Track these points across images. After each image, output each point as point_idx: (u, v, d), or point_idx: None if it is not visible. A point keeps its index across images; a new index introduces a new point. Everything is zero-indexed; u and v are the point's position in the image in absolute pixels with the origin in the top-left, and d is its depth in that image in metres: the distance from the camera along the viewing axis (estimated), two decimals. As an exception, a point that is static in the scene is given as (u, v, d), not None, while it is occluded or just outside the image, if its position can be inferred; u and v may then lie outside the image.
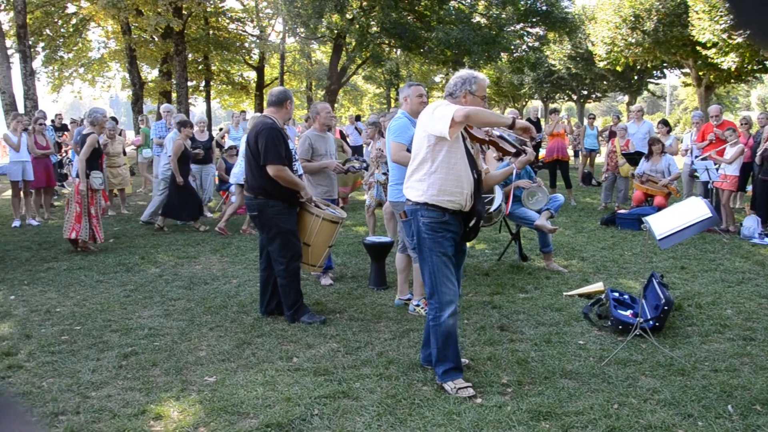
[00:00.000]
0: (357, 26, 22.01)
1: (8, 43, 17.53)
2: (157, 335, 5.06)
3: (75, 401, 3.91)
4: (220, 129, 16.49)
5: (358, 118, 18.91)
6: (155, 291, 6.37)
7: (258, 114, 10.93)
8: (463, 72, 4.11)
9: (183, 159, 9.41)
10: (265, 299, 5.47)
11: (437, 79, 37.17)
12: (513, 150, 4.15)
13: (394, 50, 27.50)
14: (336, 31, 22.64)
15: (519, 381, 4.10)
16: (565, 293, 6.12)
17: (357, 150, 14.00)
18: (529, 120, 13.05)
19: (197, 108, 35.10)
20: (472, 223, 4.07)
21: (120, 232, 9.77)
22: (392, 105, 38.07)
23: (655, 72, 36.13)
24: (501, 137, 4.10)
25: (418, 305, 5.52)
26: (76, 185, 8.15)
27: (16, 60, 17.62)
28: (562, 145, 12.31)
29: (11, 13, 19.51)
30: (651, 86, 40.30)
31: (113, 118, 13.11)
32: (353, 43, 23.33)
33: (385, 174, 7.52)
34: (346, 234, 9.24)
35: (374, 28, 22.95)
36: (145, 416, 3.69)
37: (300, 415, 3.63)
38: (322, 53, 34.81)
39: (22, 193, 10.61)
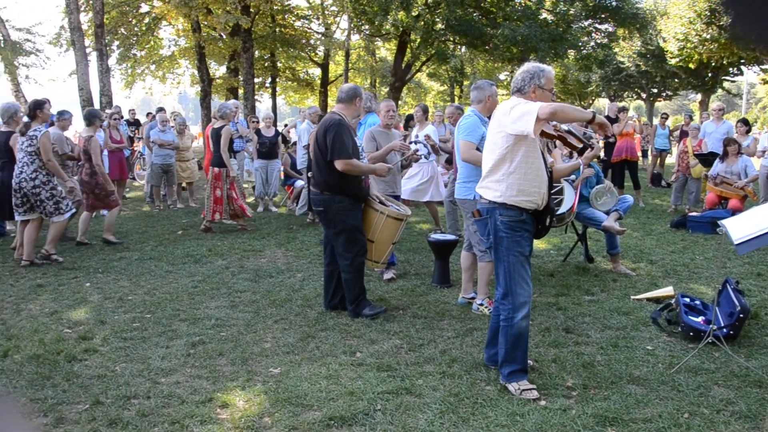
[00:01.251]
0: (422, 23, 21.93)
1: (86, 42, 18.18)
2: (223, 326, 5.18)
3: (146, 386, 4.04)
4: (285, 125, 16.72)
5: (422, 115, 18.84)
6: (222, 282, 6.52)
7: (312, 107, 11.11)
8: (529, 66, 4.01)
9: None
10: (329, 294, 5.53)
11: (502, 76, 36.80)
12: (580, 145, 4.07)
13: (459, 47, 27.29)
14: (401, 28, 22.61)
15: (584, 385, 4.03)
16: (632, 297, 5.97)
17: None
18: (608, 118, 12.79)
19: (262, 104, 35.70)
20: (546, 222, 4.02)
21: (188, 224, 10.05)
22: (456, 102, 37.86)
23: (731, 69, 34.77)
24: (569, 132, 4.03)
25: (481, 304, 5.48)
26: (216, 172, 9.00)
27: (93, 58, 18.29)
28: (631, 145, 12.00)
29: (90, 14, 20.24)
30: (726, 84, 38.79)
31: (159, 110, 13.44)
32: (418, 41, 23.24)
33: None
34: (409, 231, 9.24)
35: (439, 25, 22.82)
36: (212, 404, 3.78)
37: (363, 410, 3.66)
38: (386, 50, 34.90)
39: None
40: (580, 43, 23.88)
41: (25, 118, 7.67)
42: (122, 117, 13.04)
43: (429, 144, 7.66)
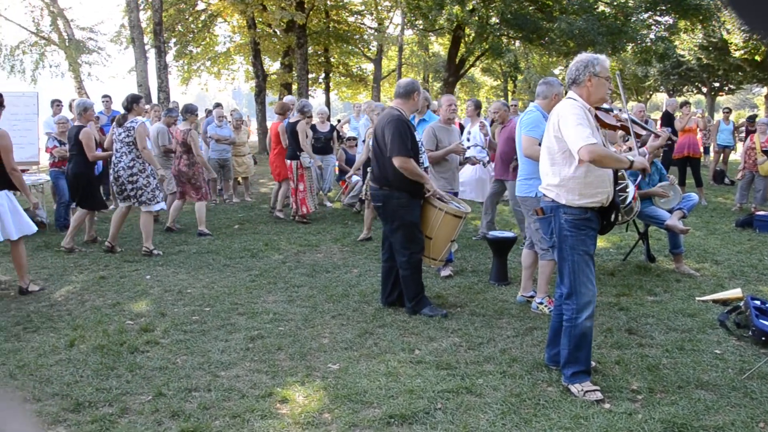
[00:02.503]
0: (477, 18, 21.70)
1: (145, 39, 18.60)
2: (281, 320, 5.21)
3: (206, 379, 4.08)
4: (338, 120, 16.78)
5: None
6: (279, 277, 6.57)
7: (372, 102, 11.13)
8: (582, 55, 3.91)
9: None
10: (387, 290, 5.51)
11: (556, 71, 36.16)
12: (644, 132, 3.96)
13: (514, 42, 26.92)
14: (455, 23, 22.42)
15: (650, 388, 3.90)
16: (697, 298, 5.77)
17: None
18: (666, 114, 12.44)
19: (315, 100, 35.96)
20: (611, 218, 3.92)
21: (244, 218, 10.17)
22: (509, 97, 37.41)
23: (799, 61, 33.38)
24: (633, 121, 3.92)
25: (541, 303, 5.38)
26: (290, 165, 9.34)
27: (151, 55, 18.69)
28: (694, 141, 11.63)
29: (149, 12, 20.71)
30: (794, 77, 37.22)
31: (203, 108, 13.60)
32: (472, 35, 23.02)
33: None
34: (467, 227, 9.16)
35: (494, 19, 22.55)
36: (272, 398, 3.80)
37: (423, 408, 3.62)
38: (439, 45, 34.70)
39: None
40: (638, 37, 23.24)
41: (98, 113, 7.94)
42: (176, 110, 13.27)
43: (482, 133, 7.65)
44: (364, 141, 9.74)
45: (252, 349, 4.59)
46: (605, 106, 4.19)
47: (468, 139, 8.18)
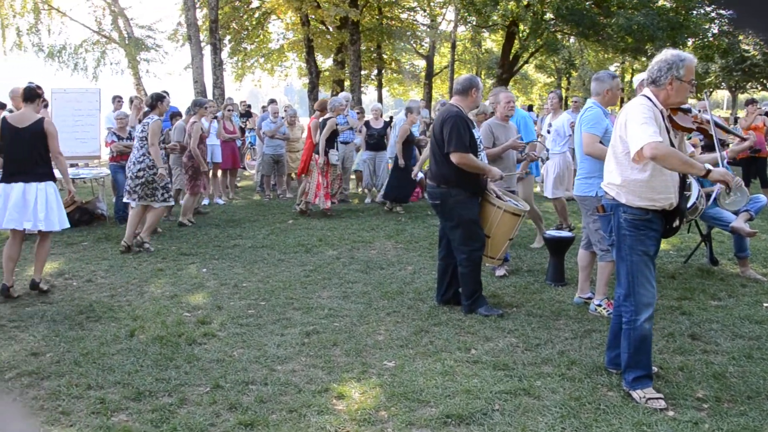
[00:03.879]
0: (531, 13, 21.41)
1: (200, 36, 18.94)
2: (336, 316, 5.22)
3: (263, 373, 4.11)
4: (391, 117, 16.76)
5: (530, 108, 18.45)
6: (333, 273, 6.59)
7: (415, 101, 11.16)
8: (667, 54, 3.71)
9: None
10: (442, 288, 5.46)
11: (612, 68, 35.41)
12: (725, 135, 3.79)
13: (569, 38, 26.46)
14: (510, 19, 22.16)
15: (717, 397, 3.76)
16: (765, 305, 5.55)
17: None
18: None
19: (367, 96, 36.05)
20: (675, 223, 3.78)
21: (298, 213, 10.23)
22: (564, 95, 36.78)
23: None
24: (717, 124, 3.75)
25: (599, 305, 5.25)
26: (317, 159, 9.59)
27: (207, 52, 19.00)
28: (761, 140, 11.21)
29: (204, 10, 21.08)
30: None
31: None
32: (527, 31, 22.72)
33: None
34: (522, 226, 9.02)
35: (549, 15, 22.21)
36: (328, 394, 3.80)
37: (480, 409, 3.57)
38: (492, 41, 34.39)
39: (210, 174, 11.42)
40: (700, 31, 22.56)
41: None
42: (234, 108, 13.48)
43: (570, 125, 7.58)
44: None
45: (308, 344, 4.61)
46: (684, 105, 4.01)
47: (548, 132, 8.06)
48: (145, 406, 3.69)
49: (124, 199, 7.95)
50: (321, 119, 9.74)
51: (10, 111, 7.82)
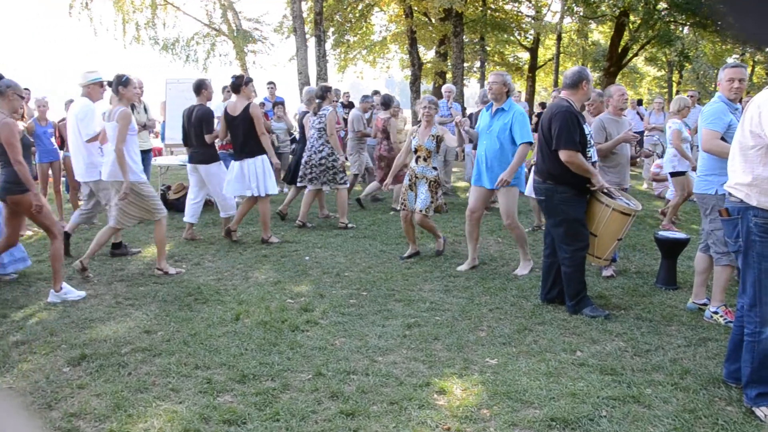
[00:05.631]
0: (644, 3, 20.49)
1: (305, 28, 19.29)
2: (437, 309, 5.18)
3: (364, 363, 4.12)
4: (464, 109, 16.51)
5: (639, 102, 17.69)
6: (435, 266, 6.55)
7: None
8: None
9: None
10: (547, 286, 5.31)
11: (730, 60, 33.46)
12: None
13: (683, 28, 25.17)
14: (620, 9, 21.32)
15: None
16: None
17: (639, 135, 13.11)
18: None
19: (469, 89, 35.70)
20: None
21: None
22: (674, 89, 35.11)
23: None
24: None
25: (716, 312, 4.95)
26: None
27: (311, 44, 19.35)
28: None
29: (309, 2, 21.47)
30: None
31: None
32: (638, 22, 21.79)
33: (435, 168, 6.77)
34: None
35: (663, 5, 21.20)
36: (429, 388, 3.76)
37: (587, 414, 3.43)
38: (599, 33, 33.24)
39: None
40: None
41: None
42: (338, 100, 13.65)
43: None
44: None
45: (409, 336, 4.59)
46: None
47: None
48: (249, 388, 3.77)
49: (298, 184, 8.73)
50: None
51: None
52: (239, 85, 7.36)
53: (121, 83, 6.15)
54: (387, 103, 9.82)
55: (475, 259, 6.48)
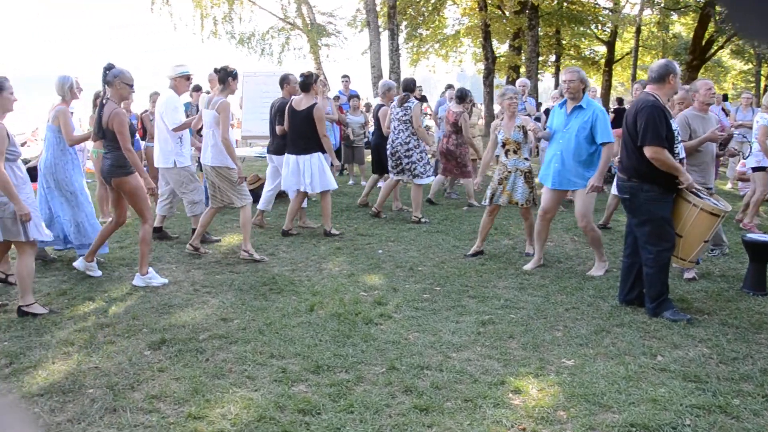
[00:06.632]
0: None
1: (378, 22, 19.33)
2: (512, 307, 5.10)
3: (438, 359, 4.10)
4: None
5: (725, 97, 16.95)
6: (509, 262, 6.46)
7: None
8: None
9: None
10: (626, 287, 5.15)
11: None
12: None
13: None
14: (704, 0, 20.49)
15: None
16: None
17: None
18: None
19: (544, 83, 35.09)
20: None
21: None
22: (762, 84, 33.51)
23: None
24: None
25: (810, 320, 4.69)
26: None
27: (384, 37, 19.37)
28: None
29: (384, -4, 21.53)
30: None
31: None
32: (724, 12, 20.87)
33: (527, 159, 6.55)
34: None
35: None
36: (504, 387, 3.71)
37: (669, 422, 3.30)
38: (681, 25, 32.04)
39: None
40: None
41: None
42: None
43: None
44: None
45: (483, 333, 4.54)
46: None
47: None
48: (323, 379, 3.81)
49: (394, 178, 8.75)
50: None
51: (207, 92, 8.47)
52: (309, 83, 7.45)
53: (231, 75, 6.56)
54: (462, 96, 9.67)
55: (540, 259, 6.35)
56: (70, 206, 6.20)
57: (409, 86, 8.69)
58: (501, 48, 29.37)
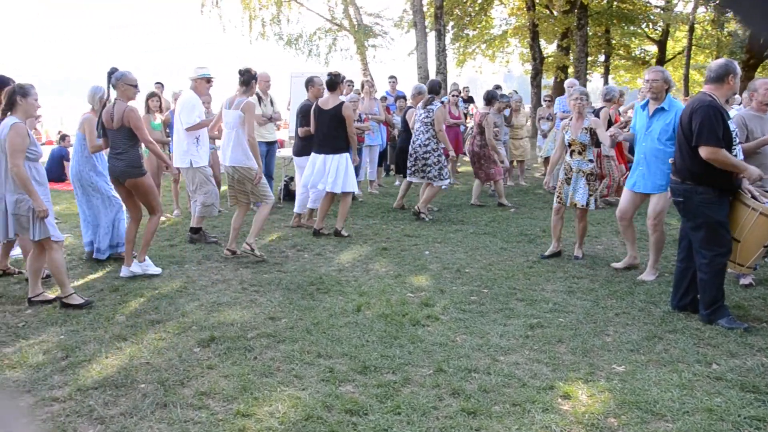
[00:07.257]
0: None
1: (425, 22, 19.31)
2: (561, 311, 5.03)
3: (485, 362, 4.07)
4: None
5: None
6: (557, 266, 6.38)
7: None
8: None
9: None
10: (679, 293, 5.02)
11: None
12: None
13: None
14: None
15: None
16: None
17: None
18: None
19: (592, 83, 34.53)
20: None
21: (519, 202, 10.07)
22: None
23: None
24: None
25: None
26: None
27: (430, 38, 19.33)
28: None
29: (431, -4, 21.49)
30: None
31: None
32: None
33: (591, 161, 6.41)
34: None
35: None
36: (553, 392, 3.66)
37: (726, 432, 3.22)
38: (737, 22, 31.14)
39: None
40: None
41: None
42: (459, 95, 13.57)
43: None
44: None
45: (531, 337, 4.49)
46: None
47: None
48: (370, 380, 3.81)
49: (408, 178, 8.91)
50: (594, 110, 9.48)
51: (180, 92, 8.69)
52: (336, 83, 7.51)
53: (255, 78, 6.75)
54: (489, 99, 9.67)
55: (635, 258, 6.28)
56: (104, 207, 6.46)
57: (435, 88, 8.72)
58: (549, 48, 28.97)
